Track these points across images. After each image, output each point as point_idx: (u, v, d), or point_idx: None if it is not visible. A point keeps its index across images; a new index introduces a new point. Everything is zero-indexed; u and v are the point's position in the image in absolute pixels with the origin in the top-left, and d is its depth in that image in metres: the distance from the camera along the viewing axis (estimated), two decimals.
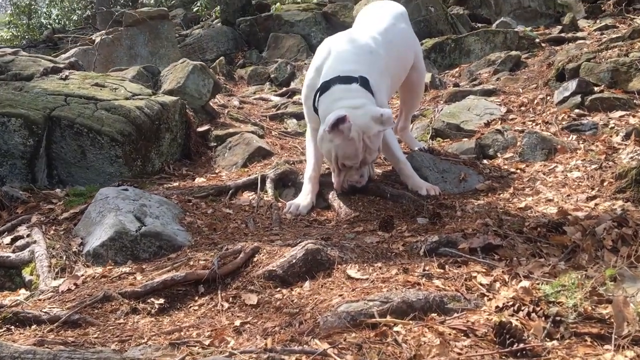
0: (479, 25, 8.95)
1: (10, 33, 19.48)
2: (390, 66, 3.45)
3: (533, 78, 5.56)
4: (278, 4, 11.94)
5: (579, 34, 7.49)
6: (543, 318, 1.79)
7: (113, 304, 2.14)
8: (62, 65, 4.40)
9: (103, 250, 2.59)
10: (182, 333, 1.94)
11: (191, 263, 2.42)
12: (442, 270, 2.18)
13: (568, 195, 3.13)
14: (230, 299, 2.18)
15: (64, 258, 2.56)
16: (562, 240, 2.49)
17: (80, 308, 2.08)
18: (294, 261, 2.28)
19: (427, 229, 2.73)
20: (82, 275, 2.43)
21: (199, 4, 15.50)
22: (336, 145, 3.02)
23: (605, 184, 3.18)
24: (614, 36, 6.27)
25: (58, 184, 3.71)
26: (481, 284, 2.05)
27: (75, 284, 2.32)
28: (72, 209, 3.07)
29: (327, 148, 3.09)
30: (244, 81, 8.19)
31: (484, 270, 2.16)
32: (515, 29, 7.63)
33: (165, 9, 8.95)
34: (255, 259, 2.38)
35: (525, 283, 2.01)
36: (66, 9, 21.03)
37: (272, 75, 7.98)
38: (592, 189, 3.17)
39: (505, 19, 8.50)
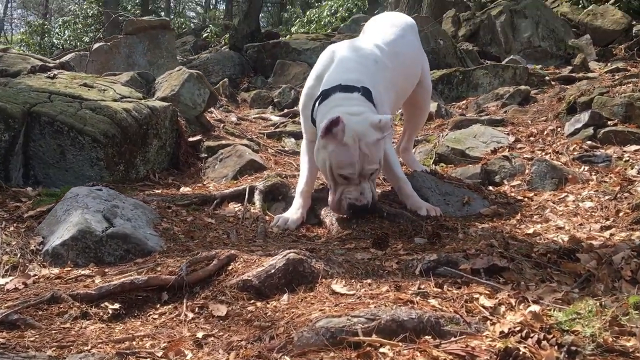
0: (488, 62, 8.82)
1: (22, 51, 19.54)
2: (395, 79, 3.23)
3: (543, 111, 5.35)
4: (289, 36, 11.92)
5: (590, 75, 7.32)
6: (556, 347, 1.52)
7: (61, 306, 1.87)
8: (51, 65, 4.22)
9: (63, 250, 2.33)
10: (134, 342, 1.67)
11: (159, 269, 2.16)
12: (439, 290, 1.91)
13: (580, 224, 2.87)
14: (197, 308, 1.91)
15: (19, 256, 2.30)
16: (574, 268, 2.23)
17: (22, 308, 1.81)
18: (272, 271, 2.02)
19: (424, 248, 2.46)
20: (35, 275, 2.16)
21: (208, 31, 15.55)
22: (330, 152, 2.76)
23: (621, 214, 2.93)
24: (627, 74, 6.10)
25: (34, 185, 3.46)
26: (484, 307, 1.78)
27: (24, 283, 2.05)
28: (39, 207, 2.82)
29: (322, 157, 2.83)
30: (247, 104, 8.01)
31: (487, 292, 1.89)
32: (525, 66, 7.47)
33: (167, 19, 8.84)
34: (229, 267, 2.12)
35: (535, 307, 1.73)
36: (78, 31, 21.19)
37: (275, 100, 7.81)
38: (607, 219, 2.91)
39: (515, 57, 8.37)
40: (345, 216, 2.91)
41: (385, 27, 3.47)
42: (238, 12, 12.31)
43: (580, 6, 10.26)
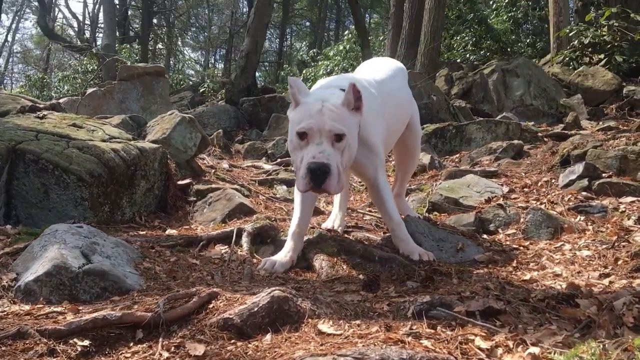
0: (481, 118, 8.89)
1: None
2: (385, 112, 3.14)
3: (536, 164, 5.32)
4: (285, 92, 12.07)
5: (582, 132, 7.35)
6: None
7: (27, 342, 1.73)
8: (41, 106, 4.18)
9: (36, 287, 2.20)
10: None
11: (135, 307, 2.03)
12: (432, 331, 1.79)
13: (578, 272, 2.77)
14: (173, 348, 1.78)
15: None
16: (574, 314, 2.12)
17: None
18: (255, 309, 1.90)
19: (417, 291, 2.35)
20: (3, 312, 2.03)
21: (205, 86, 15.75)
22: (293, 116, 2.66)
23: (620, 262, 2.84)
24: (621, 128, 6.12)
25: (15, 225, 3.35)
26: (480, 348, 1.67)
27: None
28: (16, 244, 2.70)
29: (290, 130, 2.71)
30: (240, 155, 7.98)
31: (483, 334, 1.77)
32: (518, 122, 7.51)
33: (162, 66, 8.91)
34: (211, 306, 2.00)
35: (535, 349, 1.62)
36: (77, 85, 21.41)
37: (269, 151, 7.80)
38: (605, 267, 2.82)
39: (507, 114, 8.43)
40: (306, 189, 2.59)
41: (377, 67, 3.47)
42: (235, 68, 12.50)
43: (571, 67, 10.44)
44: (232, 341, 1.82)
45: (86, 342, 1.76)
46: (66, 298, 2.20)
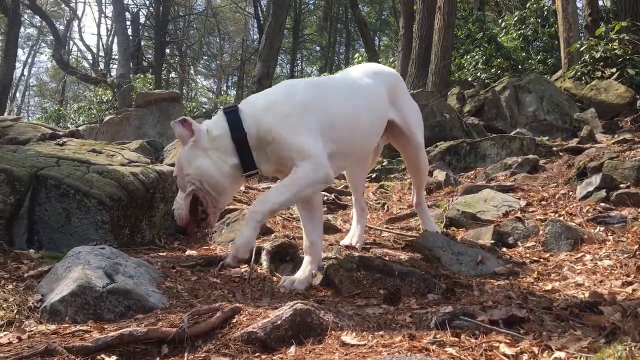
0: (495, 135, 8.88)
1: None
2: (327, 105, 2.87)
3: (553, 177, 5.31)
4: None
5: (597, 146, 7.32)
6: None
7: (55, 359, 1.76)
8: (61, 133, 4.27)
9: (62, 307, 2.23)
10: None
11: (160, 323, 2.05)
12: (456, 339, 1.79)
13: (600, 281, 2.75)
14: None
15: (15, 312, 2.20)
16: (598, 321, 2.10)
17: None
18: (279, 322, 1.91)
19: (438, 302, 2.35)
20: (31, 331, 2.06)
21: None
22: None
23: None
24: (637, 140, 6.09)
25: (38, 250, 3.40)
26: (505, 355, 1.66)
27: (18, 338, 1.95)
28: (40, 267, 2.75)
29: None
30: (256, 177, 8.04)
31: (507, 340, 1.77)
32: (532, 137, 7.50)
33: (177, 91, 9.04)
34: (234, 320, 2.01)
35: (560, 354, 1.62)
36: (92, 115, 21.74)
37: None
38: (627, 275, 2.80)
39: (521, 130, 8.43)
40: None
41: (350, 69, 3.48)
42: (248, 94, 12.66)
43: (583, 82, 10.43)
44: (257, 354, 1.83)
45: (113, 358, 1.78)
46: (91, 317, 2.23)
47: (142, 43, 26.71)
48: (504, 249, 3.52)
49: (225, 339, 1.91)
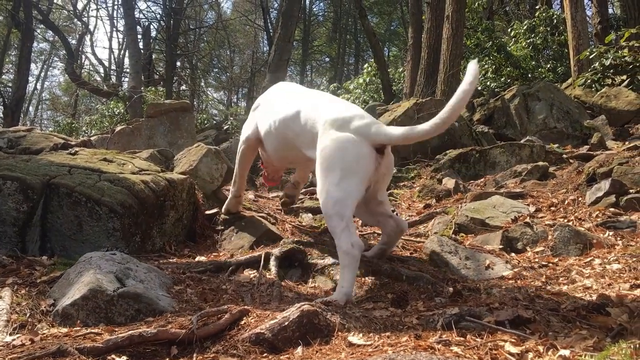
0: (504, 142, 8.86)
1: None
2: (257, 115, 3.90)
3: (562, 184, 5.29)
4: None
5: (607, 152, 7.29)
6: None
7: (67, 359, 1.79)
8: (73, 143, 4.33)
9: (73, 310, 2.27)
10: None
11: (169, 326, 2.08)
12: (462, 339, 1.80)
13: (609, 284, 2.75)
14: None
15: (28, 315, 2.24)
16: (605, 322, 2.10)
17: None
18: (286, 323, 1.93)
19: (445, 305, 2.36)
20: (43, 334, 2.09)
21: (229, 124, 16.04)
22: None
23: None
24: None
25: (50, 258, 3.45)
26: (510, 353, 1.67)
27: (31, 340, 1.99)
28: (53, 273, 2.79)
29: None
30: (265, 188, 8.08)
31: (513, 340, 1.78)
32: (542, 144, 7.48)
33: (188, 102, 9.12)
34: (242, 322, 2.04)
35: (566, 352, 1.63)
36: (104, 129, 21.91)
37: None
38: (636, 279, 2.79)
39: (531, 138, 8.40)
40: None
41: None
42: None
43: (593, 89, 10.40)
44: (265, 355, 1.85)
45: (123, 359, 1.81)
46: (102, 320, 2.26)
47: (154, 56, 26.96)
48: (513, 254, 3.52)
49: (233, 340, 1.93)
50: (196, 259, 3.44)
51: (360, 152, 2.78)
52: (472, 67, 2.56)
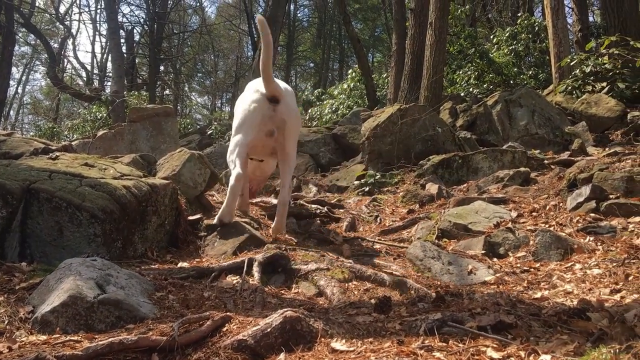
0: (487, 148, 8.94)
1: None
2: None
3: (544, 189, 5.34)
4: None
5: (588, 158, 7.37)
6: None
7: None
8: (54, 148, 4.28)
9: (53, 317, 2.24)
10: None
11: (150, 333, 2.06)
12: (444, 344, 1.81)
13: (590, 289, 2.78)
14: None
15: (6, 322, 2.20)
16: (586, 327, 2.12)
17: None
18: (269, 330, 1.92)
19: (428, 310, 2.37)
20: (21, 341, 2.06)
21: (213, 128, 15.99)
22: None
23: (630, 278, 2.85)
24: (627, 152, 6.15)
25: (30, 264, 3.40)
26: (492, 359, 1.68)
27: (9, 348, 1.95)
28: (32, 280, 2.75)
29: None
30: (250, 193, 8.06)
31: (495, 345, 1.78)
32: (524, 150, 7.55)
33: (171, 106, 9.08)
34: (224, 329, 2.03)
35: (547, 357, 1.64)
36: (86, 133, 21.68)
37: (277, 188, 7.86)
38: (616, 283, 2.82)
39: (513, 144, 8.48)
40: None
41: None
42: None
43: (574, 96, 10.53)
44: None
45: None
46: (82, 328, 2.23)
47: (137, 60, 26.81)
48: (495, 259, 3.55)
49: (215, 347, 1.92)
50: (178, 265, 3.41)
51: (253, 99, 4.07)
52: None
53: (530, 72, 14.97)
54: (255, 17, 3.09)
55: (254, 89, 4.13)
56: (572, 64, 10.81)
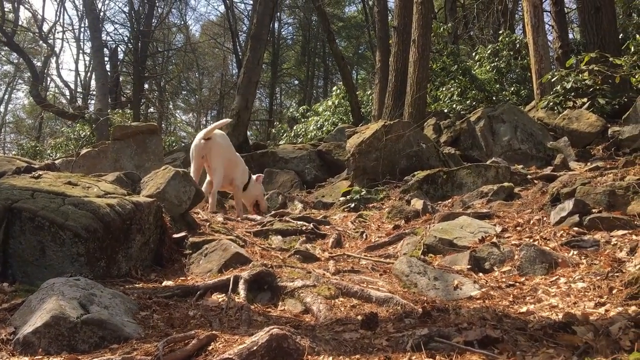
0: (471, 164, 9.01)
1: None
2: None
3: (527, 204, 5.39)
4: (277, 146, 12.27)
5: (570, 173, 7.46)
6: None
7: None
8: (37, 166, 4.24)
9: (35, 339, 2.20)
10: None
11: (134, 353, 2.03)
12: (431, 359, 1.80)
13: (574, 303, 2.79)
14: None
15: None
16: (572, 340, 2.14)
17: None
18: (255, 348, 1.91)
19: (415, 325, 2.36)
20: None
21: None
22: None
23: (614, 291, 2.87)
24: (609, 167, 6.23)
25: (12, 285, 3.34)
26: None
27: None
28: (14, 300, 2.71)
29: None
30: (234, 210, 8.04)
31: None
32: (507, 165, 7.62)
33: (155, 124, 9.06)
34: (210, 347, 2.01)
35: None
36: (70, 152, 21.52)
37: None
38: (600, 297, 2.84)
39: (496, 159, 8.56)
40: None
41: None
42: (227, 126, 12.73)
43: (555, 112, 10.67)
44: None
45: None
46: (65, 349, 2.20)
47: (121, 78, 26.74)
48: (481, 274, 3.56)
49: None
50: (163, 284, 3.38)
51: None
52: None
53: (512, 89, 15.17)
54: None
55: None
56: (553, 80, 10.97)
